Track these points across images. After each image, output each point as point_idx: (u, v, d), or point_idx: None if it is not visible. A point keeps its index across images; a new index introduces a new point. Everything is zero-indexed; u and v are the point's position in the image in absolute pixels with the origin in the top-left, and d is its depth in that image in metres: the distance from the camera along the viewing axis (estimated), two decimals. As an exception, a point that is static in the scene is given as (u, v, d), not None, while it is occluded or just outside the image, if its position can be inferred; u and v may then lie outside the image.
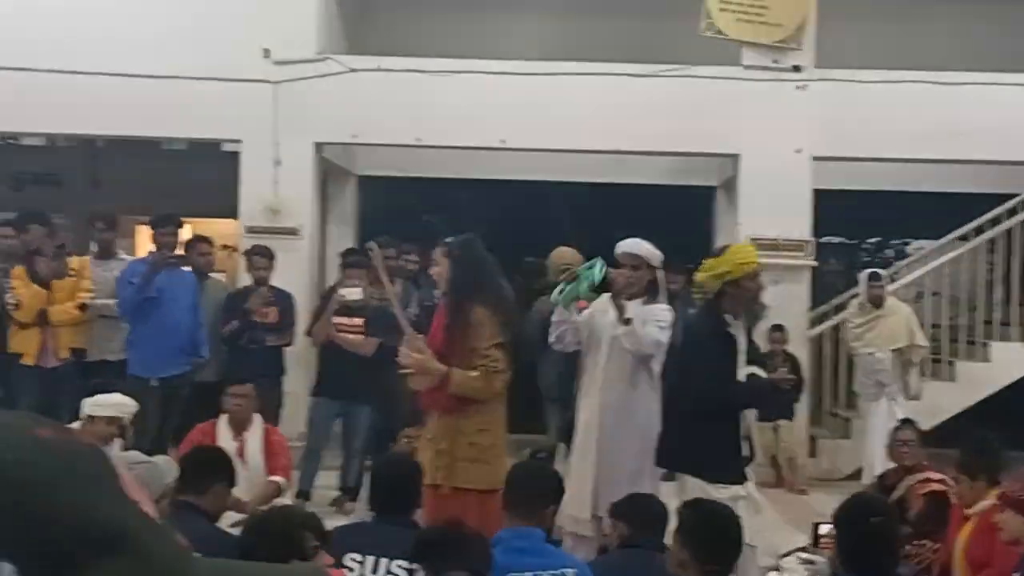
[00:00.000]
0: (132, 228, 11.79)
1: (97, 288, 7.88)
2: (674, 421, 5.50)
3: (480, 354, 5.16)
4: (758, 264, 5.55)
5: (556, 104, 9.48)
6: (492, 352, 5.14)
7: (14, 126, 10.54)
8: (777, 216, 9.42)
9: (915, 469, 6.49)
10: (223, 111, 9.45)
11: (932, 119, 9.42)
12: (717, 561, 3.73)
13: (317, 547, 3.59)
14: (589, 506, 5.62)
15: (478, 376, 5.16)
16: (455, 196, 13.24)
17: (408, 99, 9.49)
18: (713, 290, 5.47)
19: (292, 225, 9.47)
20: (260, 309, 8.04)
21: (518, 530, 4.02)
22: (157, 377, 7.54)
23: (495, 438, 5.26)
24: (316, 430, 7.94)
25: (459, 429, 5.22)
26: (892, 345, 8.96)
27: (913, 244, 13.40)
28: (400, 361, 5.25)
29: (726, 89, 9.54)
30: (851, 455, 9.64)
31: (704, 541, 3.72)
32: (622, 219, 10.67)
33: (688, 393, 5.38)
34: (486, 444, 5.21)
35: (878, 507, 4.19)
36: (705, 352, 5.39)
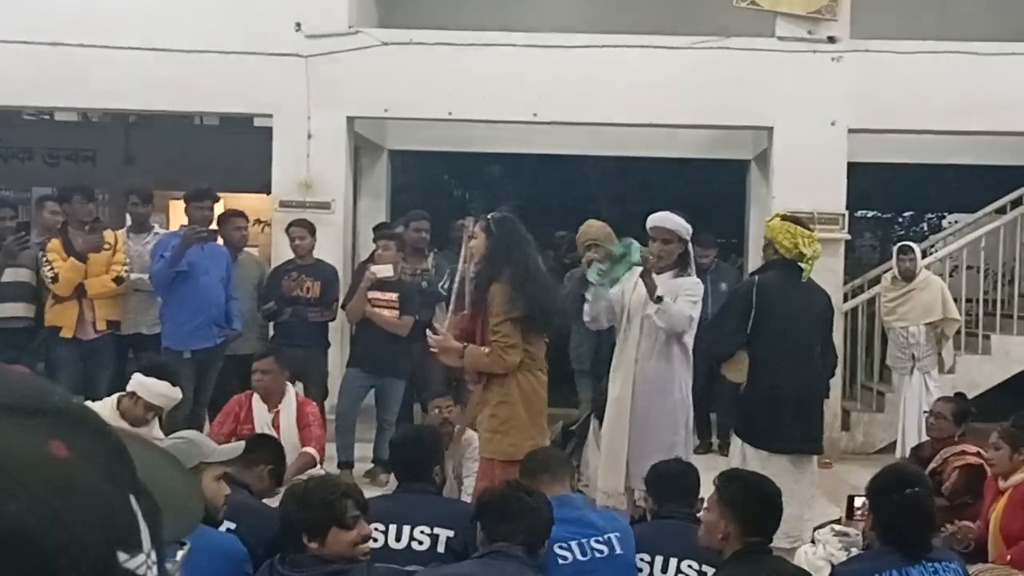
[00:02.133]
0: (165, 203, 11.86)
1: (131, 262, 7.94)
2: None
3: (491, 330, 5.33)
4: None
5: (588, 77, 9.43)
6: (502, 327, 5.29)
7: (47, 102, 10.61)
8: (811, 189, 9.34)
9: (947, 443, 6.47)
10: (255, 85, 9.46)
11: (968, 91, 9.31)
12: (760, 532, 3.73)
13: (357, 516, 3.63)
14: (622, 479, 5.64)
15: (489, 352, 5.33)
16: (486, 170, 13.27)
17: (440, 73, 9.47)
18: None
19: (324, 199, 9.49)
20: (302, 284, 8.12)
21: (561, 498, 4.05)
22: (191, 350, 7.60)
23: (514, 410, 5.38)
24: (346, 401, 7.98)
25: (485, 401, 5.47)
26: (926, 319, 8.90)
27: (948, 217, 13.31)
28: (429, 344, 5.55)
29: (760, 61, 9.46)
30: (884, 429, 9.60)
31: (748, 512, 3.71)
32: (655, 193, 10.69)
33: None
34: (504, 416, 5.37)
35: (913, 478, 4.17)
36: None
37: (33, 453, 0.68)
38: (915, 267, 9.00)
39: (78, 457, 0.70)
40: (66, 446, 0.69)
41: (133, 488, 0.73)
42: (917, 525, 3.96)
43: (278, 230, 9.15)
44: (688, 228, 5.80)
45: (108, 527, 0.69)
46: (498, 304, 5.31)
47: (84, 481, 0.69)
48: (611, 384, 5.88)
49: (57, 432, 0.70)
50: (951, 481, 6.07)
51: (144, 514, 0.73)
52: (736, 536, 3.68)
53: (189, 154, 11.92)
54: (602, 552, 4.04)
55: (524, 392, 5.41)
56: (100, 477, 0.71)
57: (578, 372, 8.86)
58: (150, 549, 0.72)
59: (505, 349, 5.30)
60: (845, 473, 8.62)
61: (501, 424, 5.36)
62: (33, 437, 0.69)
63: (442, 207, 11.70)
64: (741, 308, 5.74)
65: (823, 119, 9.41)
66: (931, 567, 3.90)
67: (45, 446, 0.69)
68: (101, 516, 0.69)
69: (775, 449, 5.68)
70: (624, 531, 4.24)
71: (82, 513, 0.68)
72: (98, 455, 0.72)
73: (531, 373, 5.43)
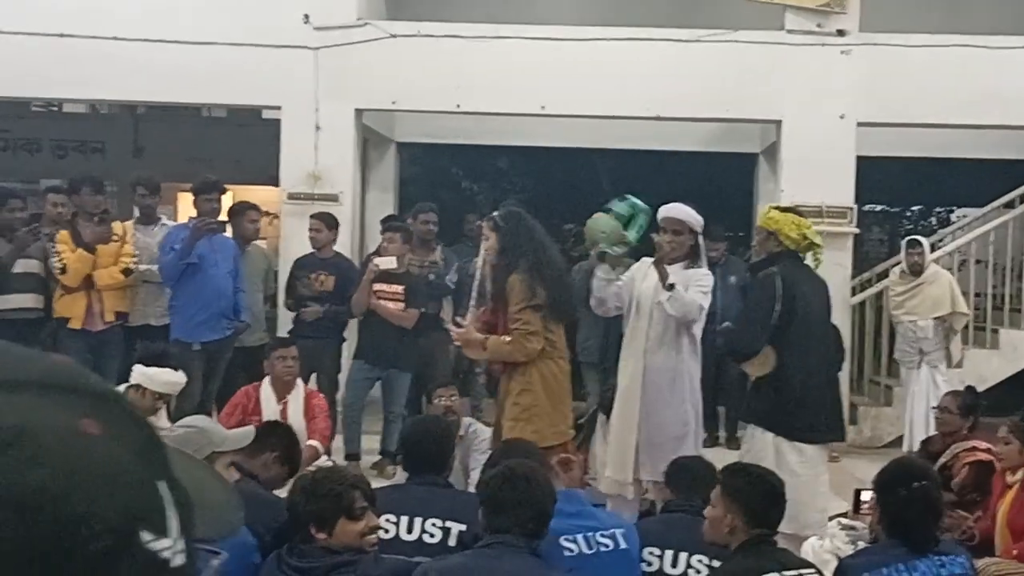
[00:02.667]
0: (173, 195, 11.88)
1: (139, 253, 7.95)
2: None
3: (512, 318, 5.42)
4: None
5: (597, 70, 9.42)
6: (523, 315, 5.37)
7: (56, 93, 10.62)
8: (820, 183, 9.32)
9: (957, 437, 6.46)
10: (263, 77, 9.46)
11: (978, 84, 9.28)
12: (766, 523, 3.73)
13: (365, 507, 3.63)
14: (631, 470, 5.64)
15: (510, 340, 5.42)
16: (494, 163, 13.27)
17: (448, 65, 9.46)
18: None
19: (332, 192, 9.49)
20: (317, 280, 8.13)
21: (563, 492, 4.04)
22: (199, 342, 7.61)
23: (537, 398, 5.46)
24: (352, 393, 7.99)
25: (507, 390, 5.54)
26: (934, 313, 8.89)
27: (957, 211, 13.28)
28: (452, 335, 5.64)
29: (769, 54, 9.44)
30: (892, 423, 9.60)
31: (753, 504, 3.71)
32: (663, 186, 10.66)
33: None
34: (526, 404, 5.45)
35: (921, 472, 4.17)
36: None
37: (63, 426, 0.69)
38: (924, 261, 8.98)
39: (108, 436, 0.71)
40: (97, 424, 0.71)
41: (164, 475, 0.74)
42: (924, 519, 3.96)
43: (288, 222, 9.16)
44: (699, 220, 5.81)
45: (132, 505, 0.70)
46: (517, 292, 5.40)
47: (111, 458, 0.70)
48: (620, 374, 5.88)
49: (90, 411, 0.71)
50: (960, 477, 6.06)
51: (174, 502, 0.73)
52: (742, 528, 3.69)
53: (197, 146, 11.94)
54: (607, 546, 4.04)
55: (545, 380, 5.49)
56: (128, 457, 0.72)
57: (585, 364, 8.86)
58: (178, 537, 0.72)
59: (526, 336, 5.39)
60: (852, 467, 8.61)
61: (523, 412, 5.43)
62: (65, 412, 0.70)
63: (450, 199, 11.72)
64: (767, 302, 5.70)
65: (832, 112, 9.38)
66: (938, 561, 3.90)
67: (76, 421, 0.70)
68: (126, 493, 0.70)
69: (813, 440, 5.67)
70: (628, 528, 4.24)
71: (106, 487, 0.68)
72: (128, 437, 0.73)
73: (552, 360, 5.52)
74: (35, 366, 0.73)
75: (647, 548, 4.15)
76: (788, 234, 5.64)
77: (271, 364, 6.82)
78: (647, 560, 4.13)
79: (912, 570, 3.84)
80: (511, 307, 5.44)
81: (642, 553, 4.14)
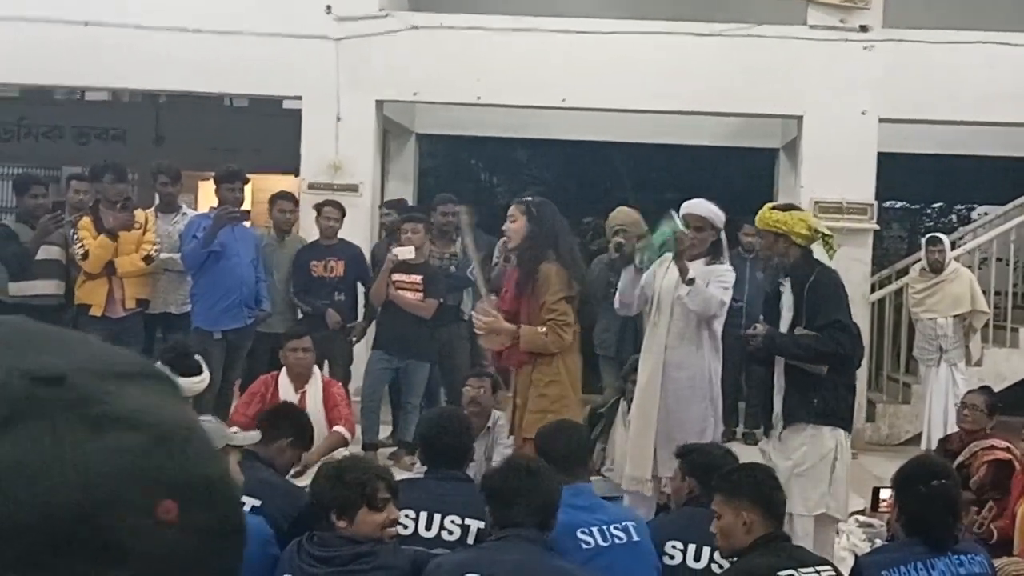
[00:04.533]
0: (194, 184, 11.90)
1: (160, 241, 7.98)
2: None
3: (548, 308, 5.39)
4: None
5: (618, 63, 9.41)
6: (559, 306, 5.35)
7: (79, 80, 10.65)
8: (840, 179, 9.30)
9: (978, 435, 6.44)
10: (285, 67, 9.49)
11: (1000, 81, 9.24)
12: (777, 515, 3.74)
13: (388, 499, 3.65)
14: (650, 466, 5.63)
15: (547, 331, 5.38)
16: (514, 155, 13.25)
17: (469, 57, 9.47)
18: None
19: (352, 182, 9.51)
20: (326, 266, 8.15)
21: (572, 488, 4.02)
22: (220, 330, 7.64)
23: (564, 389, 5.48)
24: (371, 383, 8.00)
25: (532, 382, 5.48)
26: (954, 311, 8.85)
27: (978, 209, 13.21)
28: (474, 323, 5.54)
29: (791, 49, 9.42)
30: (910, 421, 9.57)
31: (758, 494, 3.71)
32: (683, 181, 10.67)
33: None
34: (555, 395, 5.43)
35: (940, 470, 4.16)
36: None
37: (189, 414, 0.76)
38: (944, 259, 8.95)
39: (196, 420, 0.77)
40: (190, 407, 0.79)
41: None
42: (944, 517, 3.95)
43: (308, 212, 9.18)
44: (721, 216, 5.79)
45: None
46: (555, 283, 5.39)
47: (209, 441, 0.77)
48: (640, 370, 5.88)
49: (178, 394, 0.78)
50: (979, 475, 6.04)
51: None
52: (760, 523, 3.67)
53: (218, 135, 11.96)
54: (621, 539, 4.05)
55: (570, 371, 5.53)
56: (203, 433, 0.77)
57: (603, 358, 8.85)
58: None
59: (563, 327, 5.39)
60: (870, 465, 8.58)
61: (552, 403, 5.40)
62: (175, 400, 0.76)
63: (469, 191, 11.71)
64: (845, 299, 5.70)
65: (853, 108, 9.36)
66: (957, 559, 3.90)
67: (187, 408, 0.77)
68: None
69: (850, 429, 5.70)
70: (639, 521, 4.25)
71: (225, 469, 0.76)
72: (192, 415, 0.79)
73: (575, 353, 5.55)
74: (124, 355, 0.77)
75: (670, 542, 4.14)
76: (800, 232, 5.58)
77: (284, 354, 6.84)
78: (669, 554, 4.13)
79: (931, 568, 3.83)
80: (547, 296, 5.40)
81: (664, 547, 4.14)
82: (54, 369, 0.69)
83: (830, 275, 5.59)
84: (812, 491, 5.34)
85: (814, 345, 5.37)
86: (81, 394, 0.68)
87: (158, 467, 0.69)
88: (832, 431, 5.45)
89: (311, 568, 3.52)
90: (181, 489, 0.69)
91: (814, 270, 5.51)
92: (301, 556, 3.57)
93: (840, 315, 5.53)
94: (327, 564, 3.52)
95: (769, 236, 5.59)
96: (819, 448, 5.39)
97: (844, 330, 5.49)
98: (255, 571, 3.69)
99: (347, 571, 3.50)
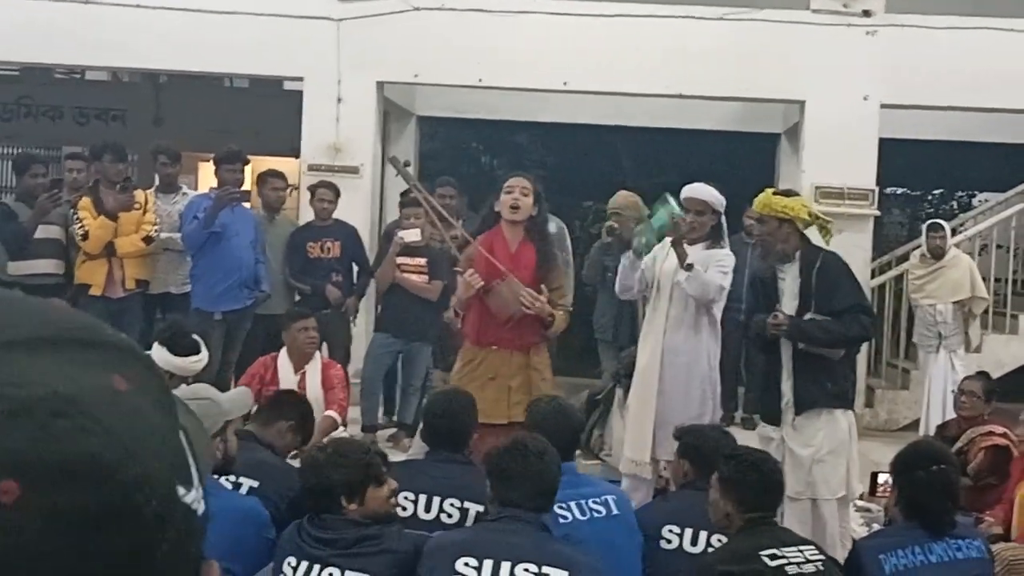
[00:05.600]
0: (194, 164, 11.88)
1: (160, 222, 7.97)
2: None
3: (562, 292, 5.57)
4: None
5: (620, 47, 9.38)
6: (566, 286, 5.51)
7: (79, 60, 10.63)
8: (841, 164, 9.29)
9: (975, 422, 6.44)
10: (286, 48, 9.46)
11: (1004, 67, 9.21)
12: (760, 508, 3.72)
13: (384, 471, 3.66)
14: (648, 449, 5.63)
15: (562, 315, 5.54)
16: (515, 138, 13.22)
17: (471, 39, 9.44)
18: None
19: (353, 164, 9.50)
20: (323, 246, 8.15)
21: None
22: (220, 311, 7.64)
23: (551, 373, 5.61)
24: (373, 365, 8.01)
25: (531, 365, 5.49)
26: (953, 297, 8.85)
27: (979, 196, 13.20)
28: (525, 304, 5.38)
29: (793, 33, 9.39)
30: (908, 406, 9.58)
31: (745, 490, 3.70)
32: (683, 165, 10.63)
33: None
34: (551, 378, 5.54)
35: (939, 455, 4.17)
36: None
37: (101, 387, 0.68)
38: (944, 245, 8.94)
39: (137, 391, 0.69)
40: (125, 379, 0.69)
41: (180, 425, 0.73)
42: (943, 502, 3.95)
43: (307, 193, 9.16)
44: (722, 200, 5.78)
45: (170, 461, 0.69)
46: (561, 268, 5.51)
47: (146, 415, 0.69)
48: (639, 353, 5.88)
49: (116, 366, 0.70)
50: (977, 461, 6.05)
51: (191, 451, 0.73)
52: (736, 514, 3.68)
53: (219, 116, 11.93)
54: (600, 512, 4.05)
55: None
56: (157, 411, 0.71)
57: (601, 342, 8.86)
58: (198, 484, 0.72)
59: (568, 309, 5.56)
60: (868, 450, 8.57)
61: (552, 387, 5.50)
62: (97, 370, 0.68)
63: (470, 174, 11.68)
64: (857, 282, 5.72)
65: (855, 93, 9.34)
66: (954, 544, 3.90)
67: (109, 379, 0.68)
68: (164, 450, 0.69)
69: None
70: (619, 494, 4.25)
71: (149, 447, 0.68)
72: (151, 389, 0.72)
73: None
74: (50, 320, 0.71)
75: (667, 526, 4.14)
76: (803, 217, 5.57)
77: (291, 335, 6.78)
78: (666, 538, 4.13)
79: (928, 553, 3.84)
80: (559, 281, 5.59)
81: (661, 531, 4.14)
82: None
83: (837, 259, 5.58)
84: (833, 475, 5.36)
85: (841, 330, 5.34)
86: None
87: (4, 443, 0.62)
88: (844, 413, 5.46)
89: (314, 550, 3.50)
90: (28, 468, 0.62)
91: (819, 255, 5.50)
92: (303, 537, 3.56)
93: (860, 297, 5.54)
94: (331, 546, 3.50)
95: (773, 222, 5.52)
96: (836, 432, 5.40)
97: (867, 312, 5.52)
98: (251, 554, 3.68)
99: (352, 553, 3.49)
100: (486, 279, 5.42)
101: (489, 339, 5.55)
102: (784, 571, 3.47)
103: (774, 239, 5.55)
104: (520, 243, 5.59)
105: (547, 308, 5.42)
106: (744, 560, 3.53)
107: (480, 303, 5.53)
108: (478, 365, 5.54)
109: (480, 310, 5.56)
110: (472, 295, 5.46)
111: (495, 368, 5.49)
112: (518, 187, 5.55)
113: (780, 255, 5.53)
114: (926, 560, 3.82)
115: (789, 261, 5.51)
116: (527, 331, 5.49)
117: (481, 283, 5.40)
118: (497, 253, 5.51)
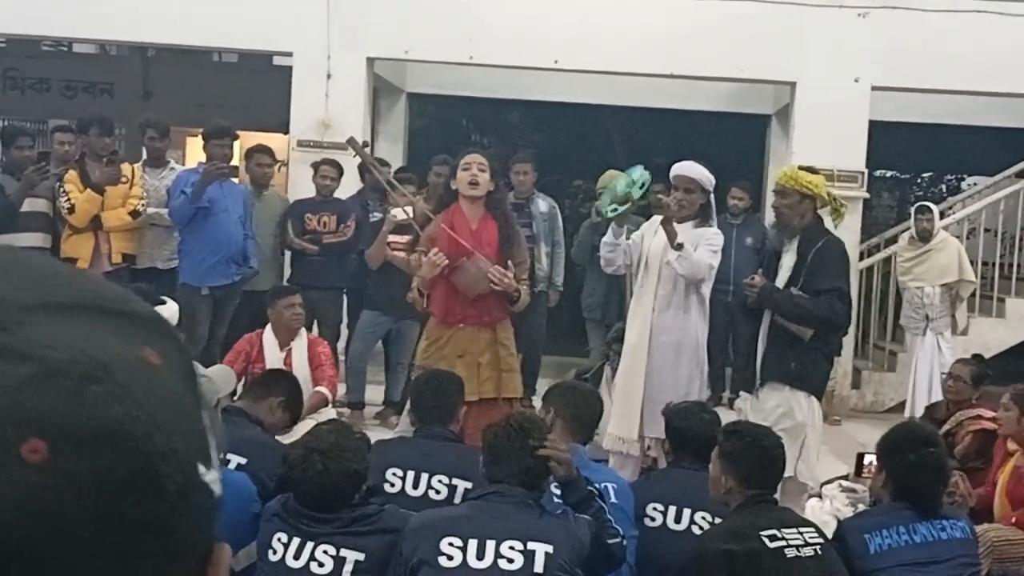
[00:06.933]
0: (182, 140, 11.83)
1: (147, 196, 7.93)
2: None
3: (525, 268, 5.63)
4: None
5: (611, 26, 9.35)
6: (527, 262, 5.61)
7: (66, 32, 10.54)
8: (832, 146, 9.28)
9: (963, 405, 6.46)
10: (275, 23, 9.40)
11: (995, 51, 9.21)
12: (761, 484, 3.73)
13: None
14: (636, 428, 5.64)
15: (526, 290, 5.61)
16: (505, 116, 13.20)
17: (462, 16, 9.39)
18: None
19: (342, 140, 9.43)
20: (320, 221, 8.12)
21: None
22: (207, 286, 7.61)
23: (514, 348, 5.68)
24: (362, 343, 8.00)
25: (498, 341, 5.55)
26: (941, 280, 8.87)
27: (968, 179, 13.23)
28: (493, 280, 5.40)
29: (786, 15, 9.36)
30: (895, 388, 9.61)
31: (747, 466, 3.71)
32: (674, 145, 10.61)
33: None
34: (516, 353, 5.66)
35: (929, 438, 4.18)
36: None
37: (133, 357, 0.67)
38: (933, 228, 8.96)
39: (167, 365, 0.69)
40: (156, 353, 0.69)
41: (203, 403, 0.73)
42: (932, 485, 3.97)
43: (296, 169, 9.12)
44: (711, 179, 5.77)
45: (194, 439, 0.69)
46: (523, 246, 5.52)
47: (174, 390, 0.69)
48: (627, 332, 5.88)
49: (147, 339, 0.70)
50: (964, 444, 6.07)
51: (210, 430, 0.73)
52: (737, 490, 3.69)
53: (207, 91, 11.88)
54: None
55: None
56: (184, 387, 0.70)
57: (589, 321, 8.87)
58: (217, 464, 0.72)
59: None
60: (853, 431, 8.64)
61: (516, 361, 5.60)
62: (129, 341, 0.68)
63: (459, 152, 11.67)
64: (847, 272, 5.73)
65: (847, 76, 9.33)
66: (939, 524, 3.92)
67: (140, 351, 0.68)
68: (188, 427, 0.69)
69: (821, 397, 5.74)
70: (620, 483, 4.26)
71: (175, 423, 0.67)
72: (179, 366, 0.71)
73: None
74: (85, 287, 0.70)
75: (651, 504, 4.15)
76: (824, 196, 5.58)
77: (277, 311, 6.75)
78: (650, 516, 4.14)
79: (912, 533, 3.86)
80: (522, 256, 5.63)
81: (646, 509, 4.15)
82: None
83: (838, 244, 5.60)
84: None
85: (809, 307, 5.36)
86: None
87: (36, 402, 0.62)
88: (807, 398, 5.47)
89: (309, 527, 3.49)
90: (58, 430, 0.62)
91: (824, 236, 5.52)
92: (290, 513, 3.55)
93: (842, 283, 5.53)
94: (328, 524, 3.50)
95: (795, 196, 5.53)
96: (794, 412, 5.42)
97: (842, 299, 5.49)
98: (236, 528, 3.66)
99: (349, 532, 3.49)
100: (451, 257, 5.41)
101: (456, 317, 5.56)
102: (783, 554, 3.48)
103: (792, 212, 5.55)
104: (480, 219, 5.59)
105: (514, 284, 5.45)
106: (744, 539, 3.53)
107: (446, 282, 5.52)
108: (445, 343, 5.54)
109: (446, 288, 5.55)
110: (436, 275, 5.44)
111: (463, 346, 5.50)
112: (475, 163, 5.57)
113: (795, 229, 5.54)
114: (910, 540, 3.84)
115: (796, 236, 5.53)
116: (494, 307, 5.53)
117: (446, 262, 5.38)
118: (459, 230, 5.49)
